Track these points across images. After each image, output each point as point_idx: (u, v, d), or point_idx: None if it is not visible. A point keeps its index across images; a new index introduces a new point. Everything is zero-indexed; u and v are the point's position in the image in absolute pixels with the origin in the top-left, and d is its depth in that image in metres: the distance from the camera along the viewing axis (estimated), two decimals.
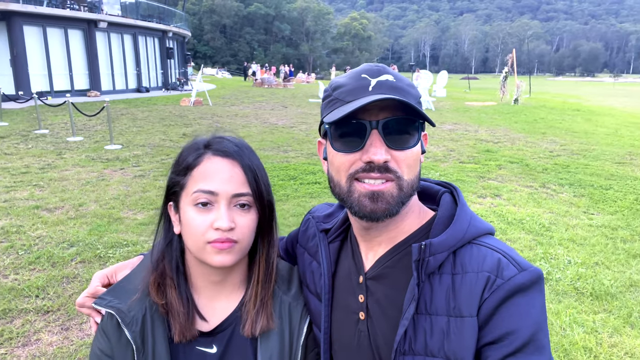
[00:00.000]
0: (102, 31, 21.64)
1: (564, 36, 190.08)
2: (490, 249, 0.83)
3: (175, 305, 0.97)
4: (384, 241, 0.93)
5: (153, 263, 1.01)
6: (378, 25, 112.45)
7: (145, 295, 0.98)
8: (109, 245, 4.56)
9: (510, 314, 0.77)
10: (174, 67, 30.41)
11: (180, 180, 0.97)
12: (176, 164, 1.00)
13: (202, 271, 1.00)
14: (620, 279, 4.17)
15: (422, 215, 0.94)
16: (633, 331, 3.32)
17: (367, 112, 0.81)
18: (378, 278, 0.92)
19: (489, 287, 0.79)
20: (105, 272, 1.07)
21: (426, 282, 0.83)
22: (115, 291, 0.99)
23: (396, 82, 0.84)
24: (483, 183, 7.29)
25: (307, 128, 12.78)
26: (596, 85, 66.42)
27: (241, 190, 0.94)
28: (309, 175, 7.44)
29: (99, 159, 8.42)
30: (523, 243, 4.95)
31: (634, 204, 6.39)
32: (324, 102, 0.92)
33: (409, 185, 0.84)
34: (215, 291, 1.02)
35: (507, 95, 22.37)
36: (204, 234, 0.91)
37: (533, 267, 0.80)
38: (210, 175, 0.93)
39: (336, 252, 1.02)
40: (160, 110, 16.13)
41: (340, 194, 0.87)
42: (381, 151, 0.80)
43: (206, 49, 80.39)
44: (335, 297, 0.99)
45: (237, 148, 0.98)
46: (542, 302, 0.79)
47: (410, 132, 0.83)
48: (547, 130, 13.20)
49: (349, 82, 0.86)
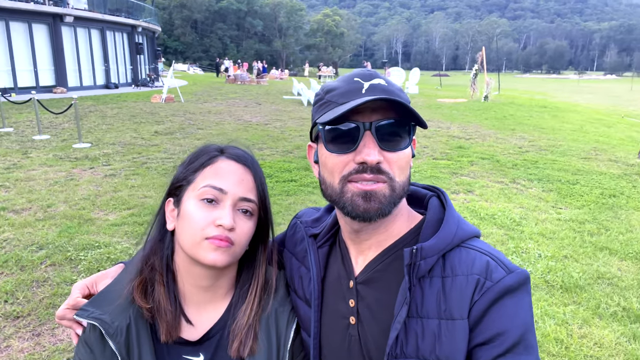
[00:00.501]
0: (68, 26, 20.97)
1: (530, 34, 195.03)
2: (479, 251, 0.85)
3: (163, 303, 0.96)
4: (374, 245, 0.93)
5: (143, 258, 1.00)
6: (350, 22, 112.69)
7: (129, 303, 0.95)
8: (80, 248, 4.44)
9: (500, 315, 0.79)
10: (144, 63, 29.75)
11: (189, 176, 0.98)
12: (186, 163, 1.01)
13: (191, 274, 0.98)
14: (588, 271, 4.32)
15: (410, 219, 0.95)
16: (601, 322, 3.44)
17: (360, 114, 0.83)
18: (368, 282, 0.92)
19: (479, 289, 0.81)
20: (85, 283, 1.04)
21: (417, 286, 0.85)
22: (97, 302, 0.96)
23: (388, 86, 0.86)
24: (456, 179, 7.43)
25: (282, 125, 12.73)
26: (562, 82, 68.40)
27: (249, 196, 0.96)
28: (285, 173, 7.42)
29: (67, 158, 8.18)
30: (495, 238, 5.07)
31: (599, 198, 6.62)
32: (316, 105, 0.93)
33: (401, 186, 0.86)
34: (202, 297, 1.01)
35: (477, 92, 22.80)
36: (204, 229, 0.92)
37: (520, 269, 0.83)
38: (222, 174, 0.95)
39: (325, 256, 1.02)
40: (131, 107, 15.77)
41: (333, 195, 0.88)
42: (374, 152, 0.81)
43: (177, 45, 78.96)
44: (325, 302, 0.99)
45: (250, 157, 1.01)
46: (530, 303, 0.82)
47: (402, 134, 0.85)
48: (516, 126, 13.53)
49: (342, 85, 0.88)
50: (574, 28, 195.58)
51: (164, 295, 0.96)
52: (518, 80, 76.88)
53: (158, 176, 7.12)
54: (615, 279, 4.17)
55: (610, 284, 4.09)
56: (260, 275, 1.03)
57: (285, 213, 5.61)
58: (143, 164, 7.93)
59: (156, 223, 1.04)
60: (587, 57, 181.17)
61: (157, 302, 0.96)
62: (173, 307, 0.97)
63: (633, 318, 3.50)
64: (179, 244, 0.97)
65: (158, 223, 1.04)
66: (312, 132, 0.95)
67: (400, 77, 27.41)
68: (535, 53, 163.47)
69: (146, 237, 1.05)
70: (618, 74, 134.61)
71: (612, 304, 3.72)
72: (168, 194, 1.03)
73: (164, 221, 1.02)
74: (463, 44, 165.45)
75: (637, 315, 3.53)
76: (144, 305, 0.94)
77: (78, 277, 3.87)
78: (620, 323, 3.43)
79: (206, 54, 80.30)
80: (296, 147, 9.63)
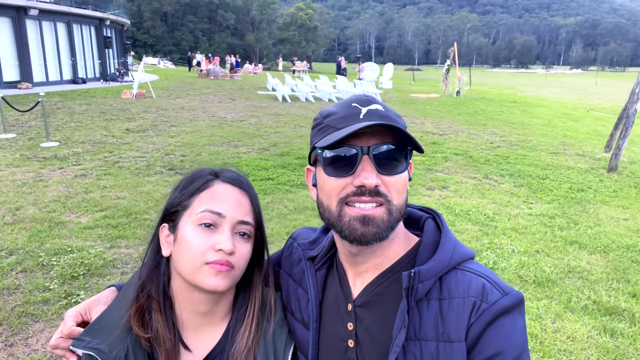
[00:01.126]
0: (33, 19, 20.21)
1: (500, 29, 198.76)
2: (475, 274, 0.88)
3: (161, 331, 0.94)
4: (371, 268, 0.94)
5: (139, 284, 0.98)
6: (324, 15, 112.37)
7: (126, 332, 0.93)
8: (52, 252, 4.32)
9: (496, 336, 0.81)
10: (113, 57, 28.97)
11: (185, 201, 0.97)
12: (181, 188, 1.00)
13: (189, 300, 0.97)
14: (559, 265, 4.46)
15: (407, 242, 0.96)
16: (573, 316, 3.56)
17: (358, 139, 0.85)
18: (367, 305, 0.93)
19: (475, 311, 0.83)
20: (79, 310, 1.01)
21: (414, 309, 0.86)
22: (93, 331, 0.94)
23: (385, 111, 0.88)
24: (431, 175, 7.53)
25: (257, 122, 12.63)
26: (530, 77, 70.03)
27: (246, 219, 0.97)
28: (261, 171, 7.37)
29: (35, 158, 7.92)
30: (470, 234, 5.17)
31: (568, 193, 6.83)
32: (314, 130, 0.94)
33: (398, 210, 0.87)
34: (200, 323, 1.00)
35: (449, 88, 23.14)
36: (204, 254, 0.91)
37: (515, 291, 0.85)
38: (219, 198, 0.96)
39: (323, 279, 1.03)
40: (100, 104, 15.35)
41: (330, 218, 0.89)
42: (372, 176, 0.83)
43: (146, 38, 77.12)
44: (323, 324, 0.99)
45: (244, 179, 1.02)
46: (524, 325, 0.84)
47: (399, 158, 0.86)
48: (488, 122, 13.80)
49: (340, 111, 0.90)
50: (541, 23, 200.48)
51: (162, 323, 0.95)
52: (488, 74, 78.34)
53: (131, 176, 6.97)
54: (585, 273, 4.31)
55: (581, 277, 4.24)
56: (258, 297, 1.03)
57: (263, 212, 5.57)
58: (115, 163, 7.75)
59: (150, 249, 1.02)
60: (554, 51, 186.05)
61: (155, 330, 0.94)
62: (171, 335, 0.96)
63: (603, 311, 3.63)
64: (177, 270, 0.96)
65: (152, 249, 1.02)
66: (310, 155, 0.97)
67: (374, 72, 27.54)
68: (504, 48, 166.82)
69: (141, 262, 1.03)
70: (583, 68, 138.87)
71: (583, 297, 3.85)
72: (162, 220, 1.01)
73: (159, 247, 1.00)
74: (435, 38, 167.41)
75: (606, 308, 3.67)
76: (142, 335, 0.93)
77: (51, 284, 3.76)
78: (591, 316, 3.56)
79: (177, 47, 78.71)
80: (272, 144, 9.58)
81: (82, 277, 3.91)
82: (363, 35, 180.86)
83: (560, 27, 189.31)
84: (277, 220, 5.33)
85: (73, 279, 3.87)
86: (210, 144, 9.39)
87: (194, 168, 1.07)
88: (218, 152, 8.73)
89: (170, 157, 8.22)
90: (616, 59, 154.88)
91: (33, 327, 3.23)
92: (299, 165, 7.83)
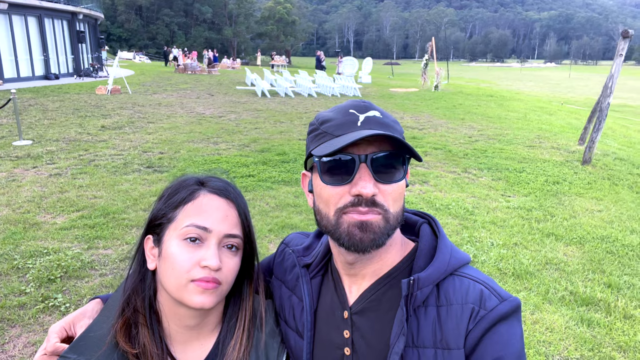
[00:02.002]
0: (2, 13, 19.56)
1: (476, 23, 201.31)
2: (472, 280, 0.87)
3: (148, 346, 0.91)
4: (368, 274, 0.94)
5: (124, 298, 0.95)
6: (302, 9, 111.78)
7: (113, 347, 0.90)
8: (27, 255, 4.21)
9: (494, 342, 0.81)
10: (86, 52, 28.30)
11: (169, 213, 0.92)
12: (165, 197, 0.95)
13: (176, 314, 0.94)
14: (537, 257, 4.55)
15: (404, 248, 0.96)
16: (551, 307, 3.65)
17: (355, 147, 0.84)
18: (363, 312, 0.92)
19: (473, 318, 0.83)
20: (62, 325, 0.96)
21: (412, 316, 0.86)
22: (78, 347, 0.90)
23: (382, 118, 0.87)
24: (411, 170, 7.59)
25: (237, 117, 12.51)
26: (505, 71, 71.13)
27: (234, 232, 0.93)
28: (242, 167, 7.31)
29: (7, 157, 7.69)
30: (451, 228, 5.24)
31: (544, 185, 6.97)
32: (310, 135, 0.93)
33: (395, 217, 0.86)
34: (189, 336, 0.97)
35: (428, 82, 23.33)
36: (189, 271, 0.88)
37: (512, 297, 0.85)
38: (205, 211, 0.91)
39: (318, 287, 1.01)
40: (74, 100, 14.98)
41: (328, 226, 0.88)
42: (369, 185, 0.82)
43: (121, 32, 75.51)
44: (317, 332, 0.98)
45: (232, 189, 0.97)
46: (521, 331, 0.84)
47: (397, 166, 0.86)
48: (465, 116, 13.97)
49: (337, 117, 0.88)
50: (516, 17, 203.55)
51: (149, 337, 0.92)
52: (465, 68, 79.28)
53: (108, 174, 6.83)
54: (562, 264, 4.42)
55: (558, 269, 4.34)
56: (248, 308, 1.00)
57: None
58: (91, 161, 7.58)
59: (135, 262, 0.99)
60: (528, 45, 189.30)
61: (142, 345, 0.91)
62: (159, 350, 0.93)
63: (580, 302, 3.73)
64: (162, 286, 0.93)
65: (137, 261, 0.98)
66: (306, 161, 0.95)
67: (354, 66, 27.55)
68: (480, 42, 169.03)
69: (126, 274, 0.99)
70: (557, 61, 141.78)
71: (560, 288, 3.94)
72: (147, 231, 0.97)
73: (144, 259, 0.97)
74: (413, 32, 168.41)
75: (583, 299, 3.77)
76: (129, 350, 0.90)
77: (27, 287, 3.67)
78: (568, 307, 3.65)
79: (153, 41, 77.30)
80: (252, 140, 9.51)
81: (59, 279, 3.82)
82: (342, 29, 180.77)
83: (535, 21, 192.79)
84: (258, 217, 5.30)
85: (50, 282, 3.78)
86: (189, 141, 9.26)
87: (179, 175, 1.03)
88: (197, 149, 8.62)
89: (148, 155, 8.08)
90: (589, 53, 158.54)
91: (9, 332, 3.15)
92: (279, 161, 7.80)
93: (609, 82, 8.43)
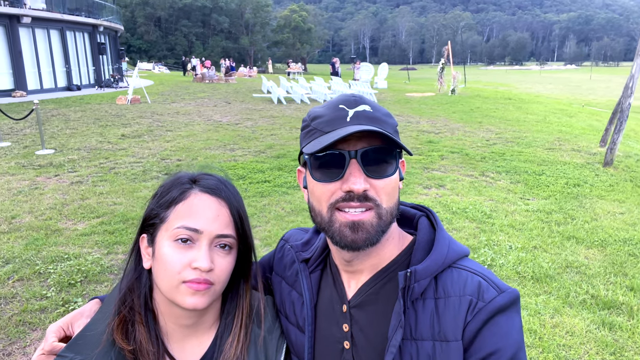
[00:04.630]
0: (25, 27, 20.17)
1: (493, 27, 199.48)
2: (470, 272, 0.87)
3: (145, 344, 0.92)
4: (366, 269, 0.94)
5: (120, 297, 0.95)
6: (318, 17, 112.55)
7: (110, 345, 0.91)
8: (48, 260, 4.30)
9: (493, 334, 0.80)
10: (107, 63, 28.94)
11: (161, 213, 0.92)
12: (158, 196, 0.96)
13: (172, 313, 0.95)
14: (557, 260, 4.46)
15: (401, 241, 0.95)
16: (572, 310, 3.57)
17: (345, 142, 0.83)
18: (362, 306, 0.93)
19: (471, 310, 0.82)
20: (60, 325, 0.98)
21: (410, 308, 0.86)
22: (75, 345, 0.91)
23: (373, 112, 0.87)
24: (428, 174, 7.54)
25: (253, 125, 12.62)
26: (524, 74, 70.25)
27: (225, 232, 0.92)
28: (258, 174, 7.36)
29: (31, 166, 7.90)
30: (468, 231, 5.17)
31: (564, 188, 6.84)
32: (302, 132, 0.93)
33: (388, 213, 0.86)
34: (186, 334, 0.98)
35: (444, 86, 23.17)
36: (180, 272, 0.88)
37: (511, 289, 0.85)
38: (196, 212, 0.90)
39: (317, 281, 1.02)
40: (95, 110, 15.32)
41: (322, 223, 0.88)
42: (360, 180, 0.82)
43: (140, 43, 77.07)
44: (318, 327, 0.98)
45: (224, 187, 0.95)
46: (520, 322, 0.84)
47: (388, 160, 0.85)
48: (483, 119, 13.82)
49: (327, 113, 0.88)
50: (534, 20, 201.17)
51: (145, 336, 0.92)
52: (482, 72, 78.53)
53: (127, 181, 6.95)
54: (582, 267, 4.32)
55: (579, 272, 4.24)
56: (245, 305, 1.00)
57: (260, 215, 5.57)
58: (111, 169, 7.73)
59: (131, 260, 0.99)
60: (547, 48, 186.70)
61: (139, 343, 0.91)
62: (155, 348, 0.93)
63: (601, 305, 3.64)
64: (157, 286, 0.94)
65: (133, 260, 0.99)
66: (300, 157, 0.95)
67: (369, 72, 27.58)
68: (498, 45, 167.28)
69: (122, 273, 1.00)
70: (577, 63, 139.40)
71: (581, 292, 3.86)
72: (141, 230, 0.98)
73: (139, 258, 0.98)
74: (429, 37, 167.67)
75: (604, 302, 3.68)
76: (126, 347, 0.90)
77: (48, 292, 3.75)
78: (589, 311, 3.57)
79: (171, 52, 78.68)
80: (268, 146, 9.57)
81: (79, 284, 3.89)
82: (357, 35, 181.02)
83: (554, 23, 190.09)
84: (274, 222, 5.32)
85: (70, 286, 3.86)
86: (206, 148, 9.37)
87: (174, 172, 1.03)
88: (214, 155, 8.72)
89: (166, 162, 8.20)
90: (610, 54, 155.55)
91: (31, 335, 3.22)
92: (295, 167, 7.83)
93: (630, 83, 8.25)
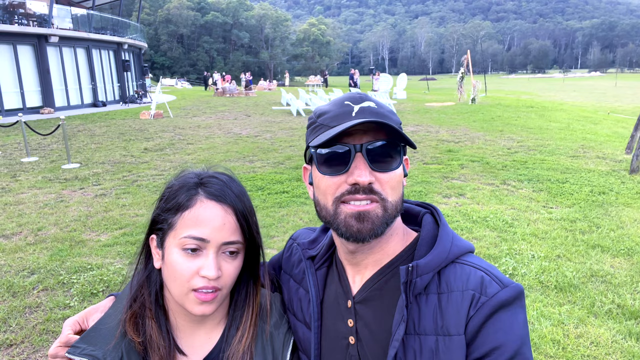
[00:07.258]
0: (53, 46, 20.91)
1: (514, 35, 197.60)
2: (473, 267, 0.87)
3: (155, 338, 0.95)
4: (370, 264, 0.95)
5: (131, 295, 0.99)
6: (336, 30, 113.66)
7: (121, 337, 0.94)
8: (72, 271, 4.40)
9: (496, 330, 0.80)
10: (131, 80, 29.69)
11: (169, 219, 0.95)
12: (165, 200, 0.97)
13: (181, 310, 0.98)
14: (581, 270, 4.34)
15: (406, 237, 0.96)
16: (597, 320, 3.46)
17: (351, 137, 0.85)
18: (366, 301, 0.94)
19: (474, 305, 0.82)
20: (76, 319, 1.02)
21: (413, 303, 0.86)
22: (88, 337, 0.95)
23: (377, 108, 0.88)
24: (447, 183, 7.46)
25: (272, 136, 12.73)
26: (547, 82, 69.19)
27: (232, 239, 0.94)
28: (277, 184, 7.41)
29: (57, 180, 8.12)
30: (488, 240, 5.09)
31: (589, 196, 6.68)
32: (309, 129, 0.95)
33: (393, 206, 0.87)
34: (196, 328, 1.01)
35: (464, 95, 23.00)
36: (189, 280, 0.90)
37: (514, 284, 0.84)
38: (202, 221, 0.92)
39: (323, 278, 1.03)
40: (119, 125, 15.71)
41: (327, 216, 0.89)
42: (365, 173, 0.83)
43: (164, 60, 79.00)
44: (324, 323, 1.00)
45: (230, 191, 0.96)
46: (524, 317, 0.83)
47: (392, 155, 0.86)
48: (504, 127, 13.64)
49: (333, 109, 0.90)
50: (556, 27, 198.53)
51: (156, 330, 0.96)
52: (504, 81, 77.67)
53: (149, 194, 7.08)
54: (608, 277, 4.19)
55: (604, 281, 4.12)
56: (255, 303, 1.03)
57: (278, 225, 5.60)
58: (134, 182, 7.89)
59: (141, 260, 1.03)
60: (570, 55, 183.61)
61: (149, 336, 0.95)
62: (165, 342, 0.96)
63: (628, 315, 3.52)
64: (167, 288, 0.97)
65: (143, 259, 1.02)
66: (306, 154, 0.97)
67: (388, 83, 27.59)
68: (519, 54, 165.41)
69: (133, 271, 1.04)
70: (602, 70, 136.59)
71: (607, 301, 3.74)
72: (150, 232, 1.00)
73: (149, 257, 1.01)
74: (448, 47, 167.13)
75: (631, 312, 3.56)
76: (136, 339, 0.93)
77: (71, 301, 3.83)
78: (615, 321, 3.45)
79: (193, 67, 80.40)
80: (287, 157, 9.64)
81: (101, 293, 3.97)
82: (376, 47, 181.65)
83: (576, 30, 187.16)
84: (292, 232, 5.33)
85: (92, 295, 3.93)
86: (226, 160, 9.49)
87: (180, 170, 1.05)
88: (233, 167, 8.81)
89: None
90: (635, 60, 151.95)
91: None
92: None
93: None
